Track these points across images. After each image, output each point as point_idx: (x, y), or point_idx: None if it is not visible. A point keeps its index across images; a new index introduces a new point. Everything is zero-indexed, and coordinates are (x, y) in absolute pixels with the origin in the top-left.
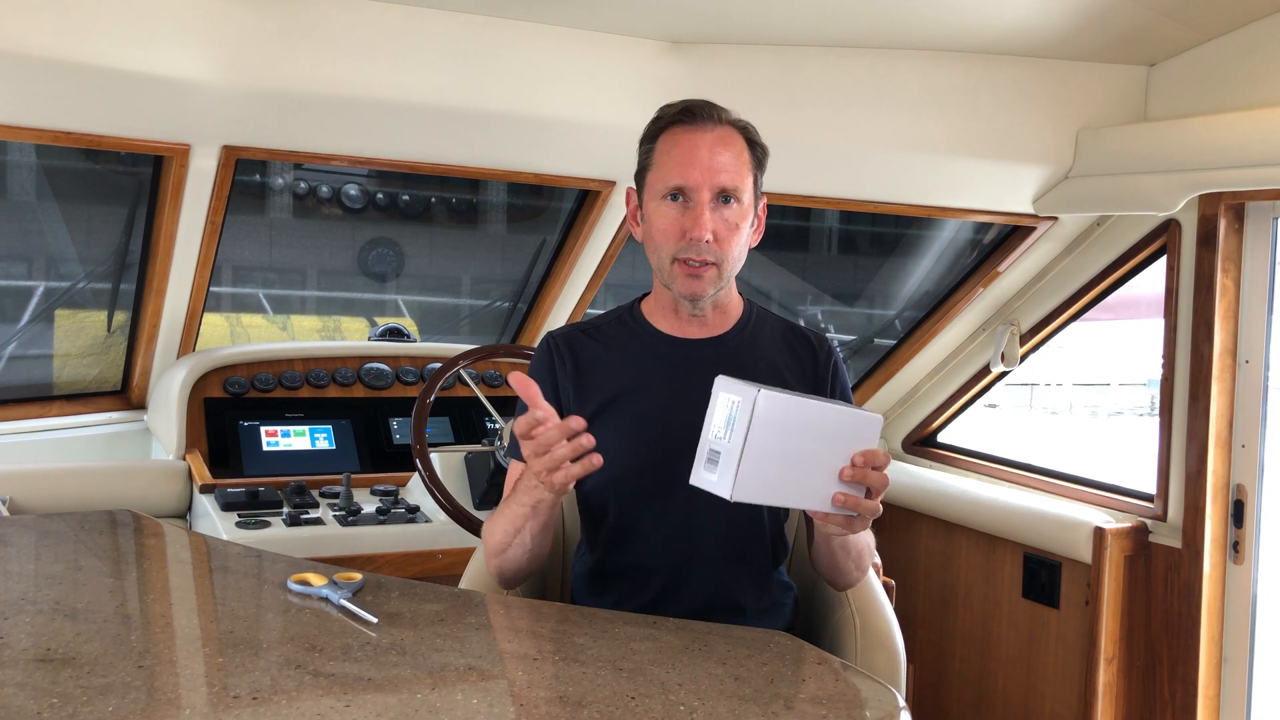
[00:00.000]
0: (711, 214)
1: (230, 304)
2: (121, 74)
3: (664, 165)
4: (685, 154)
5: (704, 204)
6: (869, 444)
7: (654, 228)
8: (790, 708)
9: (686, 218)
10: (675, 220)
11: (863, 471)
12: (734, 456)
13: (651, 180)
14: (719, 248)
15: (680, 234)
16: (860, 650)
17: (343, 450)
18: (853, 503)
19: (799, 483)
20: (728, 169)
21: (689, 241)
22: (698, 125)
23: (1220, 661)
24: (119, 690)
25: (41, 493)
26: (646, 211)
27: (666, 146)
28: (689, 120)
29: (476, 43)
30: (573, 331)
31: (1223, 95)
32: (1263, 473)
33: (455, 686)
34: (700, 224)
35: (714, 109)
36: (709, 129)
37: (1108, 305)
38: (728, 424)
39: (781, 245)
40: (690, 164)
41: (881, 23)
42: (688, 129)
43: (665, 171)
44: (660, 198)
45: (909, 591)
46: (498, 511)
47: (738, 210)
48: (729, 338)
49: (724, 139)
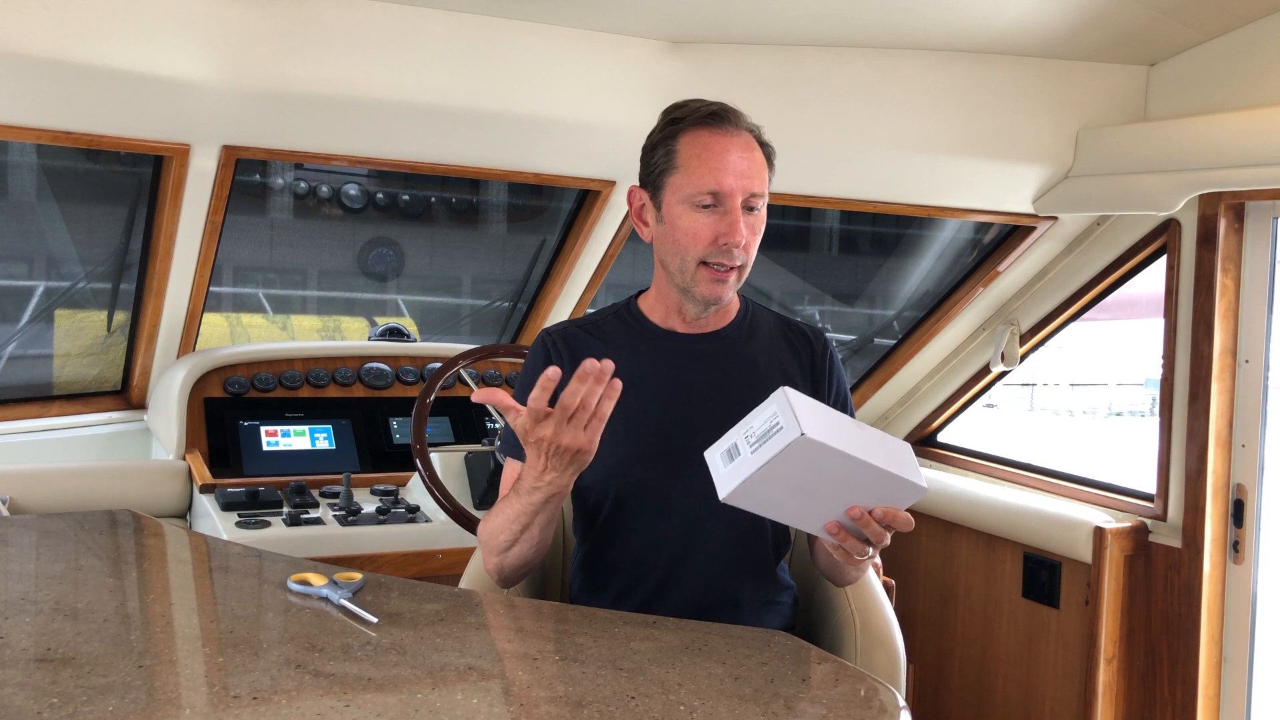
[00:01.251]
0: (742, 220)
1: (230, 304)
2: (121, 74)
3: (694, 170)
4: (717, 159)
5: (738, 210)
6: (899, 504)
7: (679, 231)
8: (790, 708)
9: (722, 223)
10: (707, 225)
11: (867, 521)
12: (746, 469)
13: (677, 183)
14: (745, 252)
15: (712, 239)
16: (860, 650)
17: (343, 450)
18: (842, 538)
19: (801, 509)
20: (758, 175)
21: (721, 247)
22: (725, 130)
23: (1220, 661)
24: (119, 690)
25: (42, 492)
26: (669, 214)
27: (695, 150)
28: (716, 124)
29: (476, 42)
30: (569, 328)
31: (1223, 95)
32: (1263, 472)
33: (455, 686)
34: (737, 229)
35: (736, 113)
36: (736, 135)
37: (1104, 305)
38: (761, 436)
39: (782, 245)
40: (724, 170)
41: (881, 22)
42: (715, 133)
43: (697, 176)
44: (688, 202)
45: (909, 591)
46: (496, 511)
47: (759, 215)
48: (726, 333)
49: (749, 145)
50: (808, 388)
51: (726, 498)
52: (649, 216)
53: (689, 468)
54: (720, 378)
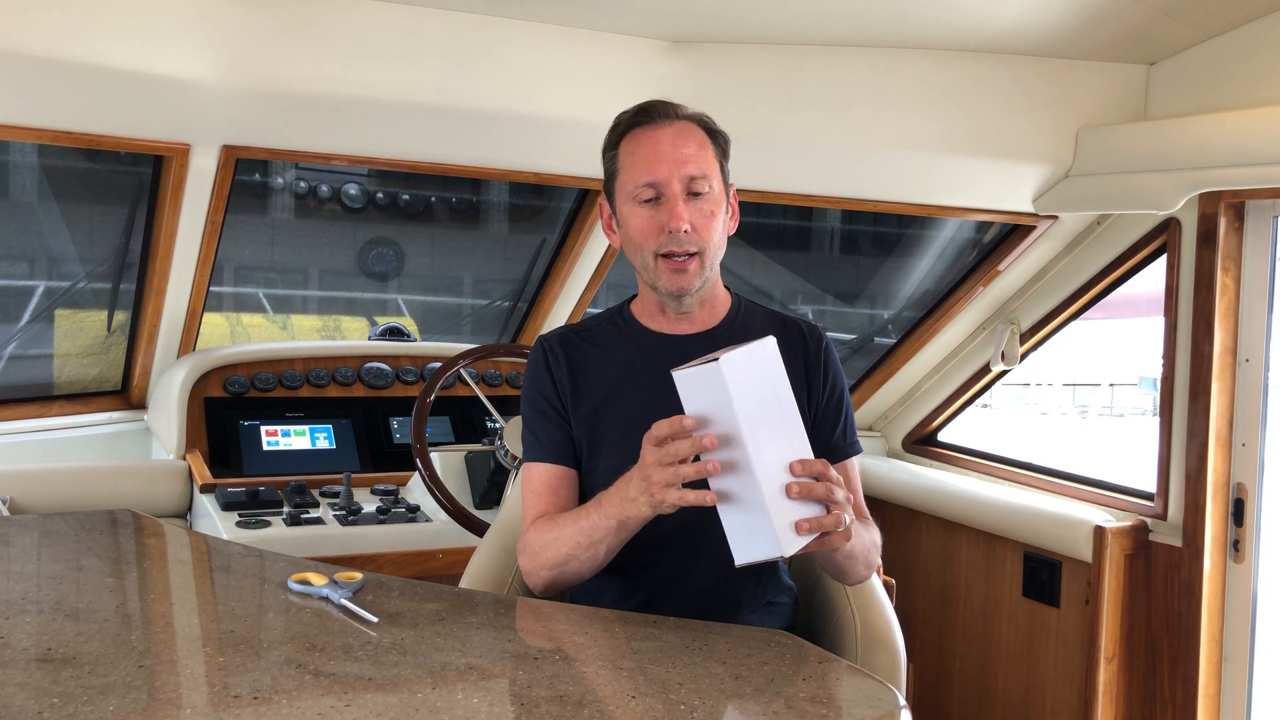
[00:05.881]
0: (686, 205)
1: (230, 303)
2: (121, 74)
3: (630, 167)
4: (649, 151)
5: (676, 195)
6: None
7: (631, 229)
8: (790, 707)
9: (662, 212)
10: (650, 218)
11: (807, 486)
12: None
13: (621, 184)
14: (699, 236)
15: (658, 230)
16: (860, 650)
17: (343, 450)
18: (815, 524)
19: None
20: (694, 159)
21: (668, 235)
22: (655, 123)
23: (1220, 660)
24: (120, 690)
25: (42, 492)
26: (621, 216)
27: (630, 149)
28: (646, 120)
29: (476, 42)
30: (565, 333)
31: (1223, 94)
32: (1263, 471)
33: (456, 686)
34: (677, 215)
35: (669, 106)
36: (668, 124)
37: (1101, 304)
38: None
39: (782, 245)
40: (656, 160)
41: (881, 22)
42: (646, 128)
43: (633, 172)
44: (632, 199)
45: (909, 591)
46: (559, 521)
47: (710, 198)
48: (718, 332)
49: (684, 131)
50: (802, 384)
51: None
52: (614, 224)
53: None
54: None
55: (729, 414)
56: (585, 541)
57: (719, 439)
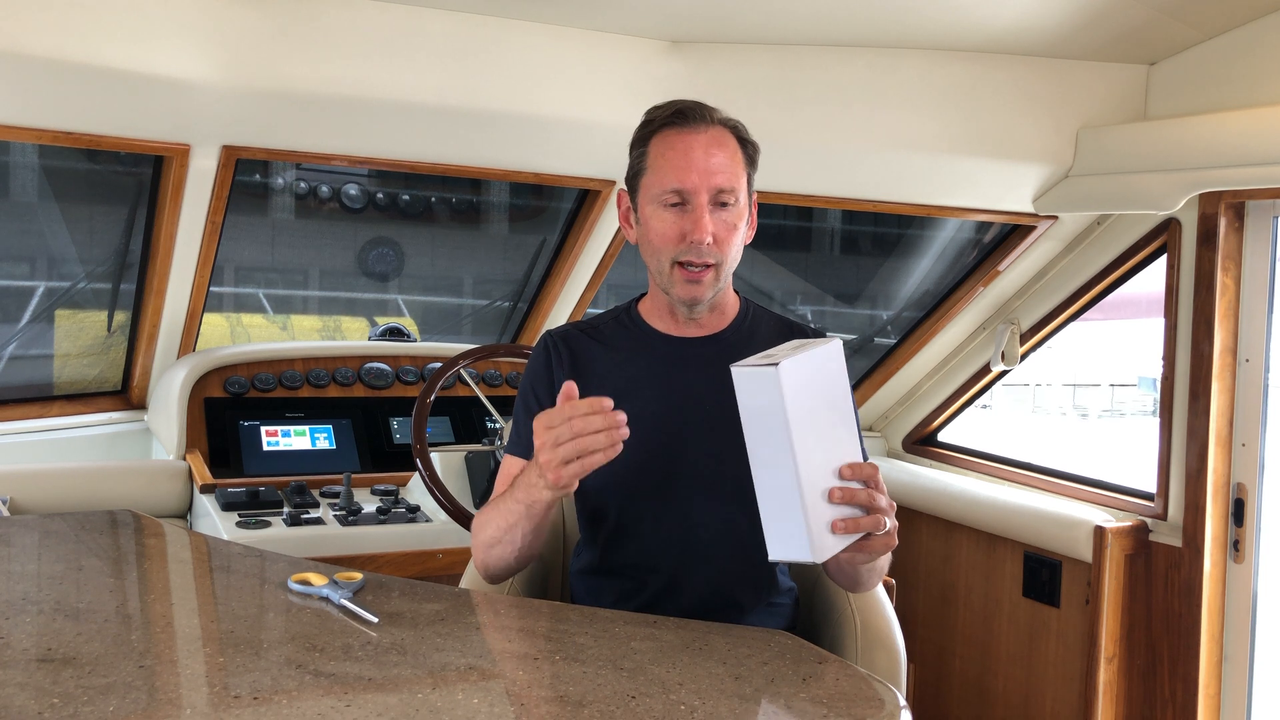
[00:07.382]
0: (710, 216)
1: (231, 304)
2: (121, 74)
3: (659, 169)
4: (681, 157)
5: (703, 206)
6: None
7: (651, 232)
8: (790, 707)
9: (686, 220)
10: (674, 224)
11: (850, 491)
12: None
13: (647, 184)
14: (718, 249)
15: (680, 237)
16: (860, 650)
17: (343, 450)
18: (852, 525)
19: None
20: (724, 170)
21: (689, 244)
22: (690, 127)
23: (1221, 660)
24: (120, 690)
25: (42, 493)
26: (642, 215)
27: (660, 149)
28: (681, 122)
29: (476, 42)
30: (571, 330)
31: (1223, 94)
32: (1263, 471)
33: (456, 686)
34: (701, 226)
35: (705, 109)
36: (702, 130)
37: (1101, 305)
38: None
39: (782, 245)
40: (687, 167)
41: (881, 22)
42: (681, 131)
43: (661, 175)
44: (656, 201)
45: (909, 591)
46: (491, 505)
47: (734, 211)
48: (726, 335)
49: (718, 139)
50: None
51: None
52: (632, 219)
53: (688, 472)
54: (719, 381)
55: (780, 416)
56: (504, 525)
57: (769, 435)
